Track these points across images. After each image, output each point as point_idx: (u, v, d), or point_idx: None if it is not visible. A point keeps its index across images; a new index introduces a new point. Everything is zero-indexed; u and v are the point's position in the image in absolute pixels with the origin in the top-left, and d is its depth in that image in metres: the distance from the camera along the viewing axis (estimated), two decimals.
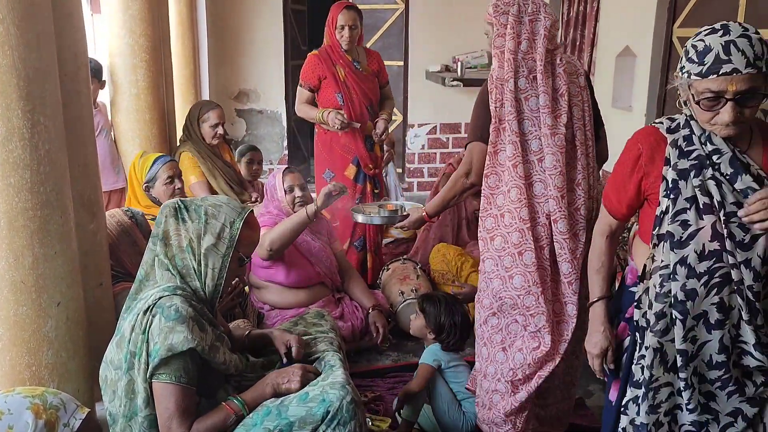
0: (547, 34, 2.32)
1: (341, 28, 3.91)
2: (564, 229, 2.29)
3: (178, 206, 2.05)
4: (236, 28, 6.53)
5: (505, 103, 2.32)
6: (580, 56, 4.96)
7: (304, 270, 3.35)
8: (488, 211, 2.39)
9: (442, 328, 2.71)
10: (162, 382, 1.88)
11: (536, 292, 2.31)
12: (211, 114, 3.88)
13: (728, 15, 3.40)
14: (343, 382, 2.01)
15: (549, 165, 2.29)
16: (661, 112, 4.00)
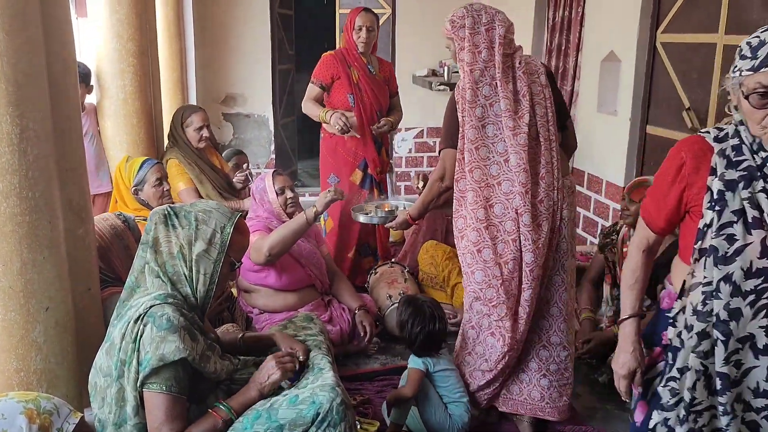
0: (502, 41, 2.50)
1: (359, 29, 3.99)
2: (528, 221, 2.48)
3: (168, 213, 2.05)
4: (223, 32, 6.53)
5: (465, 113, 2.52)
6: (566, 61, 5.01)
7: (296, 272, 3.36)
8: (459, 212, 2.62)
9: (402, 327, 2.70)
10: (152, 392, 1.88)
11: (496, 285, 2.53)
12: (194, 117, 3.87)
13: (711, 22, 3.45)
14: (333, 384, 2.02)
15: (514, 164, 2.49)
16: (645, 117, 4.05)
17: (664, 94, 3.89)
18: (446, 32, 2.61)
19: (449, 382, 2.68)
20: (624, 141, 4.14)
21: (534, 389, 2.70)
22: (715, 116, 3.43)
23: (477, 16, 2.53)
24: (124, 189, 3.22)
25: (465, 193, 2.57)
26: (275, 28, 6.68)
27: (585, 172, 4.70)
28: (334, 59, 4.03)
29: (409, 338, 2.68)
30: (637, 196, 3.17)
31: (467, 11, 2.55)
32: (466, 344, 2.73)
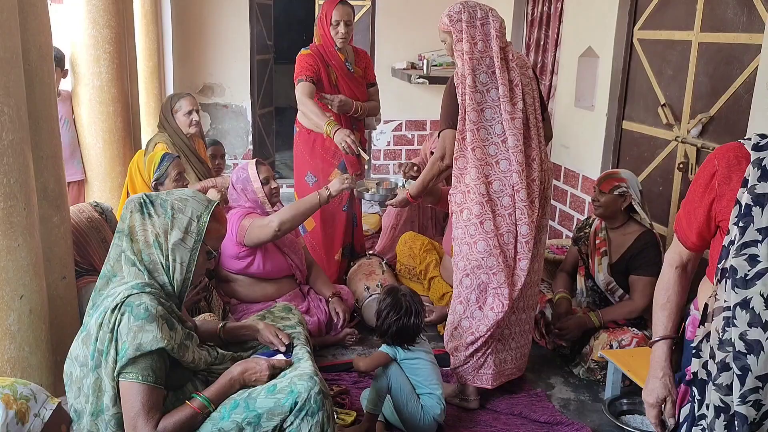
0: (498, 34, 2.76)
1: (336, 24, 3.75)
2: (524, 197, 2.74)
3: (143, 201, 2.03)
4: (201, 21, 6.46)
5: (465, 97, 2.72)
6: (544, 56, 5.04)
7: (278, 261, 3.37)
8: (457, 188, 2.82)
9: (377, 317, 2.72)
10: (129, 381, 1.86)
11: (496, 254, 2.75)
12: (183, 102, 3.84)
13: (686, 19, 3.50)
14: (311, 374, 2.02)
15: (511, 145, 2.73)
16: (622, 112, 4.09)
17: (640, 89, 3.94)
18: (443, 27, 2.81)
19: (421, 373, 2.69)
20: (600, 136, 4.19)
21: (507, 354, 2.95)
22: (689, 113, 3.48)
23: (473, 11, 2.77)
24: (141, 183, 3.17)
25: (465, 170, 2.77)
26: (254, 18, 6.63)
27: (562, 166, 4.74)
28: (312, 58, 3.77)
29: (381, 327, 2.69)
30: (606, 187, 3.22)
31: (464, 7, 2.78)
32: (454, 320, 2.89)
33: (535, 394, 3.07)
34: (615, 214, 3.24)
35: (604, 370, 3.08)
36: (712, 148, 3.30)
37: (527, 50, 5.31)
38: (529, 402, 2.99)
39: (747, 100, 2.96)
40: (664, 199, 3.70)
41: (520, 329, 2.96)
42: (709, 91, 3.35)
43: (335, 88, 3.85)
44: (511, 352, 2.96)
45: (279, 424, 1.95)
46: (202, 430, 1.94)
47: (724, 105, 3.25)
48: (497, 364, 2.91)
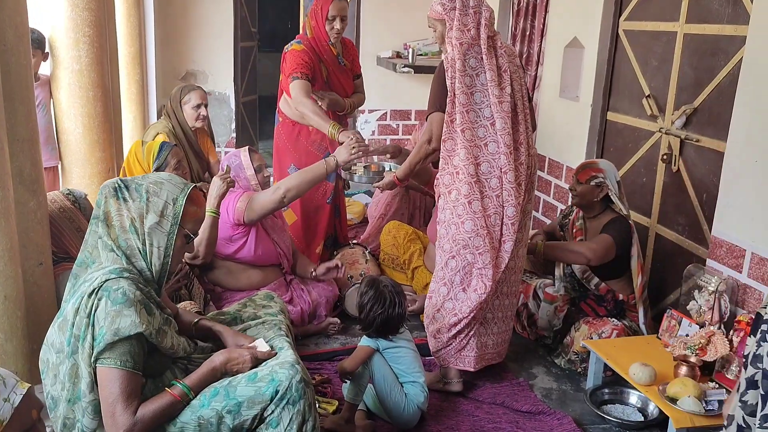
0: (487, 23, 2.82)
1: (332, 19, 3.64)
2: (512, 179, 2.79)
3: (118, 186, 1.98)
4: (184, 6, 6.37)
5: (455, 81, 2.77)
6: (530, 46, 5.03)
7: (268, 247, 3.36)
8: (446, 169, 2.86)
9: (361, 310, 2.67)
10: (106, 367, 1.83)
11: (483, 234, 2.79)
12: (193, 95, 3.81)
13: (672, 10, 3.49)
14: (293, 362, 2.00)
15: (499, 127, 2.78)
16: (606, 103, 4.09)
17: (625, 81, 3.94)
18: (435, 14, 2.87)
19: (404, 361, 2.67)
20: (585, 127, 4.19)
21: (488, 338, 2.99)
22: (674, 104, 3.49)
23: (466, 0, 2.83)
24: (139, 173, 3.12)
25: (453, 152, 2.82)
26: (238, 5, 6.55)
27: (546, 156, 4.74)
28: (306, 54, 3.63)
29: (365, 320, 2.64)
30: (583, 177, 3.23)
31: None
32: (436, 302, 2.91)
33: (518, 383, 3.07)
34: (591, 204, 3.25)
35: (584, 362, 3.09)
36: (696, 139, 3.31)
37: (513, 40, 5.29)
38: (511, 391, 2.99)
39: (731, 92, 2.96)
40: (648, 191, 3.71)
41: (502, 314, 2.99)
42: (694, 83, 3.35)
43: (327, 83, 3.78)
44: (492, 337, 3.00)
45: (260, 413, 1.93)
46: (182, 418, 1.91)
47: (708, 96, 3.25)
48: (479, 347, 2.94)
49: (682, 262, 3.33)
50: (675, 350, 2.74)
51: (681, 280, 3.06)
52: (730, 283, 2.86)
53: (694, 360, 2.62)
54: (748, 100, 2.82)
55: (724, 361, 2.60)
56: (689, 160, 3.39)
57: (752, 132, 2.79)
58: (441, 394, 2.95)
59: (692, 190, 3.36)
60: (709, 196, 3.20)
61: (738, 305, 2.87)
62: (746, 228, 2.83)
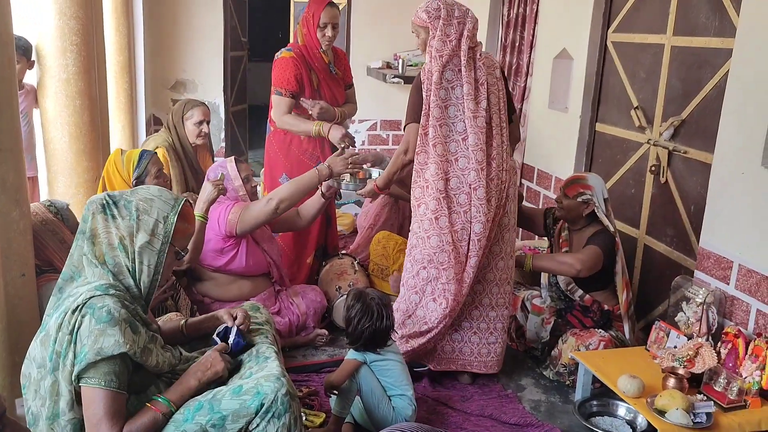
0: (470, 35, 2.81)
1: (323, 27, 3.61)
2: (481, 195, 2.79)
3: (106, 202, 1.94)
4: (174, 16, 6.37)
5: (430, 93, 2.77)
6: (519, 57, 5.05)
7: (258, 257, 3.35)
8: (417, 182, 2.88)
9: (348, 324, 2.62)
10: (90, 387, 1.79)
11: (448, 250, 2.81)
12: (196, 111, 3.79)
13: (659, 22, 3.52)
14: (278, 374, 1.97)
15: (472, 143, 2.78)
16: (595, 115, 4.11)
17: (613, 92, 3.96)
18: (419, 21, 2.86)
19: (392, 374, 2.64)
20: (574, 138, 4.20)
21: (465, 346, 3.04)
22: (662, 116, 3.50)
23: (451, 9, 2.82)
24: (120, 182, 3.09)
25: (425, 166, 2.83)
26: (228, 14, 6.55)
27: (535, 167, 4.75)
28: (295, 61, 3.63)
29: (353, 334, 2.60)
30: (571, 192, 3.22)
31: (442, 3, 2.82)
32: (408, 308, 2.96)
33: (506, 395, 3.06)
34: (576, 219, 3.25)
35: (573, 375, 3.08)
36: (684, 151, 3.32)
37: (503, 51, 5.31)
38: (499, 403, 2.97)
39: (718, 104, 2.98)
40: (636, 202, 3.72)
41: (486, 326, 3.02)
42: (681, 95, 3.37)
43: (317, 92, 3.76)
44: (471, 346, 3.03)
45: (244, 426, 1.90)
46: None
47: (696, 108, 3.27)
48: (447, 351, 3.01)
49: (670, 273, 3.34)
50: (663, 362, 2.74)
51: (669, 291, 3.06)
52: (717, 294, 2.87)
53: (682, 372, 2.61)
54: (734, 113, 2.83)
55: (712, 373, 2.60)
56: (677, 171, 3.40)
57: (739, 144, 2.80)
58: (429, 406, 2.93)
59: (680, 202, 3.37)
60: (697, 207, 3.21)
61: (726, 317, 2.88)
62: (733, 240, 2.84)
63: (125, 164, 3.12)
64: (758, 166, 2.69)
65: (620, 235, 3.78)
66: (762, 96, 2.67)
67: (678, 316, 2.93)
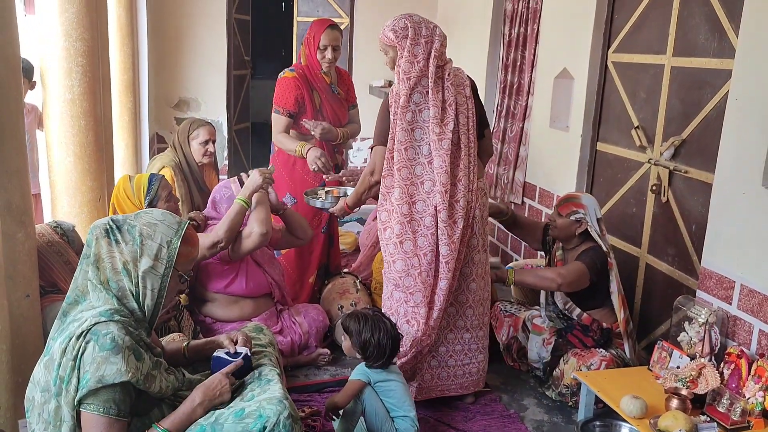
0: (437, 54, 2.77)
1: (324, 49, 3.67)
2: (445, 218, 2.77)
3: (109, 227, 1.95)
4: (178, 35, 6.42)
5: (396, 116, 2.77)
6: (521, 76, 5.08)
7: (259, 279, 3.35)
8: (384, 206, 2.87)
9: (366, 346, 2.60)
10: (90, 413, 1.80)
11: (414, 274, 2.81)
12: (201, 131, 3.81)
13: (659, 43, 3.54)
14: (281, 397, 1.97)
15: (436, 166, 2.76)
16: (596, 134, 4.13)
17: (614, 111, 3.98)
18: (387, 40, 2.84)
19: (395, 395, 2.63)
20: (575, 157, 4.22)
21: (443, 371, 3.03)
22: (662, 135, 3.52)
23: (418, 28, 2.77)
24: (131, 208, 3.10)
25: (392, 189, 2.82)
26: (231, 33, 6.61)
27: (537, 186, 4.77)
28: (296, 83, 3.69)
29: (377, 351, 2.57)
30: (564, 211, 3.25)
31: (409, 23, 2.78)
32: None
33: (509, 415, 3.05)
34: (569, 237, 3.28)
35: (575, 395, 3.07)
36: (684, 170, 3.33)
37: (504, 70, 5.35)
38: (501, 423, 2.97)
39: (718, 124, 3.00)
40: (638, 221, 3.73)
41: (461, 348, 3.02)
42: (682, 115, 3.39)
43: (319, 112, 3.79)
44: (448, 369, 3.03)
45: None
46: None
47: (696, 128, 3.29)
48: (426, 380, 2.99)
49: (672, 292, 3.34)
50: (666, 382, 2.73)
51: (671, 311, 3.06)
52: (720, 314, 2.87)
53: (685, 392, 2.61)
54: (734, 133, 2.85)
55: (715, 394, 2.59)
56: (678, 191, 3.41)
57: (739, 164, 2.81)
58: (431, 427, 2.92)
59: (681, 221, 3.38)
60: (699, 227, 3.22)
61: (728, 337, 2.87)
62: (735, 260, 2.84)
63: (135, 190, 3.15)
64: (759, 186, 2.70)
65: (622, 254, 3.80)
66: (761, 116, 2.68)
67: (680, 336, 2.92)
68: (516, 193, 5.01)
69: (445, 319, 2.97)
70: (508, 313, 3.45)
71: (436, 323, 2.88)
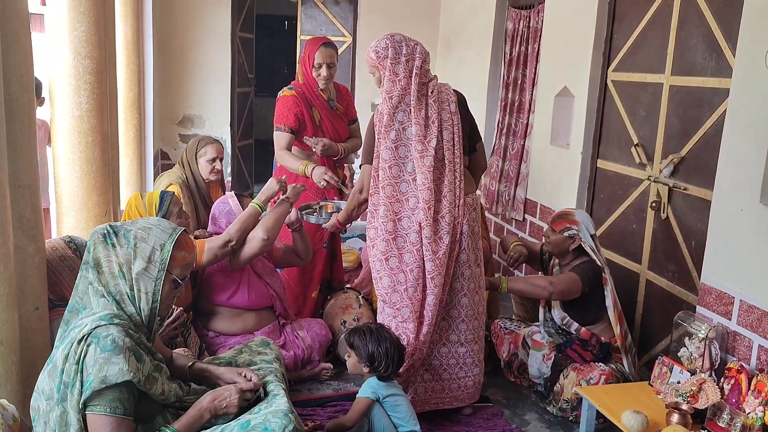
0: (419, 71, 2.81)
1: (318, 67, 3.74)
2: (429, 234, 2.80)
3: (107, 232, 2.01)
4: (183, 53, 6.50)
5: (380, 135, 2.81)
6: (522, 94, 5.14)
7: (260, 291, 3.38)
8: (371, 223, 2.92)
9: (373, 357, 2.64)
10: (96, 414, 1.83)
11: (400, 290, 2.84)
12: (209, 148, 3.85)
13: (658, 62, 3.60)
14: (286, 410, 2.00)
15: (420, 183, 2.80)
16: (596, 151, 4.18)
17: (614, 129, 4.03)
18: (371, 61, 2.88)
19: (401, 410, 2.66)
20: (575, 174, 4.26)
21: (437, 384, 3.03)
22: (661, 153, 3.57)
23: (398, 47, 2.82)
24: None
25: (378, 207, 2.86)
26: (235, 51, 6.69)
27: (538, 203, 4.81)
28: (295, 100, 3.75)
29: (384, 362, 2.62)
30: (558, 227, 3.30)
31: (390, 42, 2.84)
32: None
33: (510, 430, 3.06)
34: (563, 253, 3.33)
35: (576, 410, 3.09)
36: (684, 188, 3.37)
37: (505, 89, 5.41)
38: None
39: (716, 142, 3.04)
40: (638, 237, 3.76)
41: (456, 361, 3.03)
42: (680, 133, 3.44)
43: (319, 128, 3.84)
44: (442, 383, 3.04)
45: None
46: None
47: (695, 146, 3.33)
48: (419, 393, 3.00)
49: (672, 308, 3.37)
50: (667, 397, 2.75)
51: (671, 326, 3.09)
52: (720, 330, 2.89)
53: (685, 407, 2.63)
54: (732, 151, 2.89)
55: (715, 409, 2.61)
56: (677, 207, 3.45)
57: (737, 182, 2.85)
58: None
59: (681, 237, 3.41)
60: (698, 243, 3.26)
61: (728, 352, 2.90)
62: (734, 276, 2.87)
63: (147, 207, 3.20)
64: (757, 203, 2.74)
65: (622, 270, 3.83)
66: (759, 135, 2.73)
67: (681, 351, 2.95)
68: (517, 209, 5.05)
69: (437, 333, 2.99)
70: (508, 330, 3.48)
71: (426, 338, 2.91)
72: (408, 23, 6.56)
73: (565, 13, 4.43)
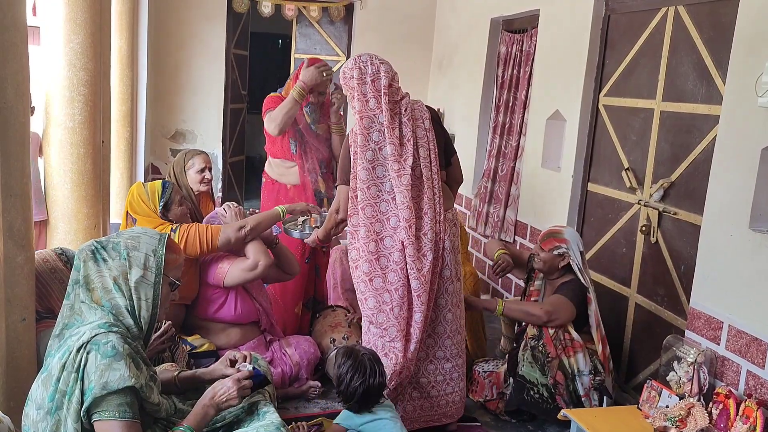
0: (386, 91, 2.81)
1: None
2: (412, 252, 2.79)
3: (95, 248, 2.01)
4: (177, 68, 6.52)
5: (357, 156, 2.80)
6: (513, 117, 5.18)
7: (247, 305, 3.37)
8: (353, 244, 2.90)
9: (339, 381, 2.52)
10: (104, 420, 1.82)
11: (386, 310, 2.83)
12: (196, 159, 3.86)
13: (649, 88, 3.65)
14: (278, 424, 2.00)
15: (399, 201, 2.80)
16: (587, 174, 4.21)
17: (605, 153, 4.07)
18: (343, 84, 2.91)
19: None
20: (566, 197, 4.29)
21: (425, 401, 3.03)
22: (652, 177, 3.60)
23: (363, 67, 2.84)
24: (145, 211, 3.23)
25: (358, 228, 2.85)
26: (229, 67, 6.71)
27: (528, 225, 4.83)
28: (280, 100, 3.88)
29: (346, 392, 2.50)
30: (547, 246, 3.32)
31: (355, 63, 2.87)
32: None
33: None
34: (552, 270, 3.36)
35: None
36: (673, 212, 3.40)
37: (497, 111, 5.45)
38: None
39: (706, 168, 3.08)
40: (628, 260, 3.78)
41: (443, 378, 3.04)
42: (671, 158, 3.47)
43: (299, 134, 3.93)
44: (431, 400, 3.04)
45: None
46: None
47: (685, 171, 3.37)
48: (408, 411, 2.99)
49: (661, 332, 3.38)
50: (655, 421, 2.75)
51: (660, 350, 3.10)
52: (708, 354, 2.90)
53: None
54: (722, 176, 2.92)
55: None
56: (667, 232, 3.48)
57: (727, 207, 2.88)
58: None
59: (670, 262, 3.43)
60: (687, 267, 3.28)
61: (717, 377, 2.90)
62: (723, 300, 2.89)
63: (150, 195, 3.26)
64: (746, 229, 2.77)
65: (611, 293, 3.85)
66: (748, 161, 2.76)
67: (669, 375, 2.95)
68: (507, 231, 5.07)
69: (423, 351, 3.00)
70: (488, 372, 3.43)
71: (413, 355, 2.91)
72: (402, 44, 6.63)
73: (557, 38, 4.49)
